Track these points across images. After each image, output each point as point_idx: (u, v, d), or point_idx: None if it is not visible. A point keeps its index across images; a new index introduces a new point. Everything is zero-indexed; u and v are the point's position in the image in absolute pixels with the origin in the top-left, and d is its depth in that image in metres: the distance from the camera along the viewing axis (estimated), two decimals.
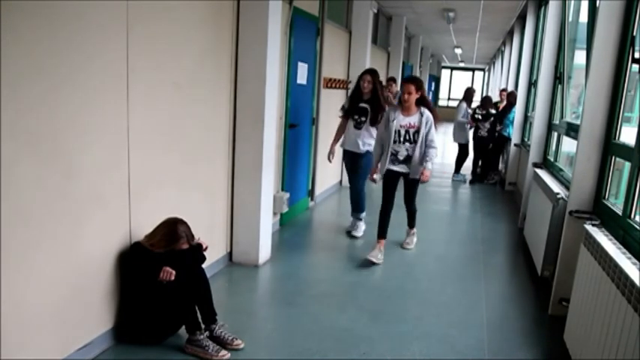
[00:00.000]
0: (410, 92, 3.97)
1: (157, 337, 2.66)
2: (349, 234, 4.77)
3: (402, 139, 4.04)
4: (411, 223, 4.59)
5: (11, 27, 1.87)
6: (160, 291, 2.56)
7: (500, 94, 8.56)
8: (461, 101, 8.22)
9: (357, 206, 4.81)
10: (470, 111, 8.10)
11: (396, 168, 4.12)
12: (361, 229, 4.79)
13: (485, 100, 8.15)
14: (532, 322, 3.26)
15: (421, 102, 4.07)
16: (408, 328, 3.01)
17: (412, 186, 4.24)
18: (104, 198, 2.49)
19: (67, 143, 2.22)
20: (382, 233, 4.23)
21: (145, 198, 2.79)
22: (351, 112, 4.63)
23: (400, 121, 4.02)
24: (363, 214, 4.80)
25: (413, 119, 4.02)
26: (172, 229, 2.67)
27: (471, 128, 8.14)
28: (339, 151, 4.97)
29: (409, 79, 4.16)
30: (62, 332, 2.33)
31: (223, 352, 2.59)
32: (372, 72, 4.62)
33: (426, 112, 4.02)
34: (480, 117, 7.90)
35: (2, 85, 1.86)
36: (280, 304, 3.32)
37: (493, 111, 7.89)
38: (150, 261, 2.58)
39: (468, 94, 8.26)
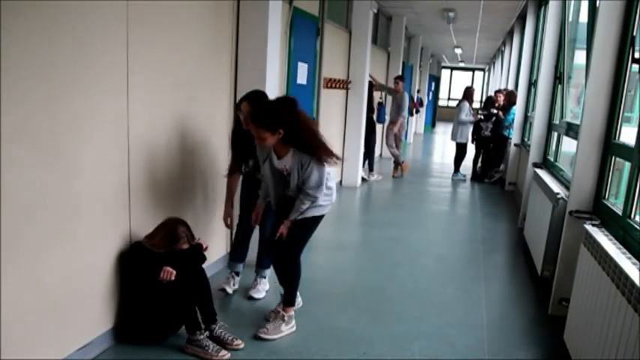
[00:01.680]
0: (262, 138, 2.59)
1: (157, 337, 2.66)
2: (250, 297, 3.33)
3: (285, 183, 2.79)
4: (288, 297, 2.95)
5: (12, 28, 1.87)
6: (160, 291, 2.56)
7: (497, 96, 8.42)
8: (462, 101, 8.13)
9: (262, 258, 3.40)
10: (472, 110, 8.08)
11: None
12: (264, 288, 3.38)
13: (488, 101, 8.11)
14: (532, 322, 3.25)
15: (293, 141, 2.63)
16: (408, 328, 3.01)
17: (296, 229, 2.81)
18: (104, 198, 2.49)
19: (68, 144, 2.22)
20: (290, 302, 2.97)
21: (145, 198, 2.79)
22: (239, 160, 3.23)
23: (276, 164, 2.76)
24: (268, 271, 3.41)
25: (287, 162, 2.71)
26: (172, 230, 2.67)
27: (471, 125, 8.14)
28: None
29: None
30: (62, 332, 2.33)
31: (223, 352, 2.59)
32: (251, 98, 3.00)
33: (299, 155, 2.65)
34: (482, 117, 7.88)
35: (3, 86, 1.86)
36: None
37: (495, 111, 7.88)
38: (150, 261, 2.58)
39: (469, 93, 8.21)
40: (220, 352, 2.58)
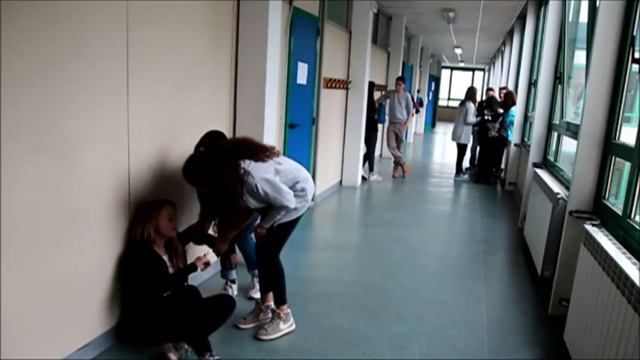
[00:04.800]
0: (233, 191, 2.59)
1: (158, 339, 2.63)
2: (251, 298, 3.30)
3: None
4: (279, 297, 2.92)
5: (12, 29, 1.87)
6: (163, 293, 2.55)
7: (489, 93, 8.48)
8: (466, 101, 8.03)
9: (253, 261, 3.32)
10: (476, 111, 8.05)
11: None
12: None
13: (491, 100, 7.98)
14: (532, 322, 3.25)
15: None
16: (408, 328, 3.01)
17: (272, 233, 2.80)
18: (105, 198, 2.49)
19: (68, 144, 2.22)
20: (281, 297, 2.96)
21: (146, 198, 2.78)
22: (207, 212, 3.06)
23: (242, 204, 2.72)
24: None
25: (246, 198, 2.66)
26: (144, 205, 2.66)
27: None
28: None
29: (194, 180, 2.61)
30: (62, 332, 2.33)
31: None
32: (187, 176, 2.61)
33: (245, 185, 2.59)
34: (489, 118, 7.81)
35: (4, 86, 1.86)
36: None
37: (501, 110, 7.83)
38: (149, 259, 2.58)
39: (472, 93, 8.14)
40: None
